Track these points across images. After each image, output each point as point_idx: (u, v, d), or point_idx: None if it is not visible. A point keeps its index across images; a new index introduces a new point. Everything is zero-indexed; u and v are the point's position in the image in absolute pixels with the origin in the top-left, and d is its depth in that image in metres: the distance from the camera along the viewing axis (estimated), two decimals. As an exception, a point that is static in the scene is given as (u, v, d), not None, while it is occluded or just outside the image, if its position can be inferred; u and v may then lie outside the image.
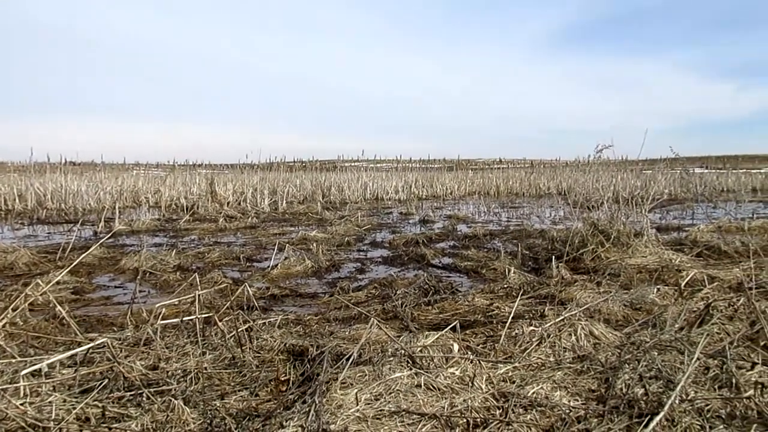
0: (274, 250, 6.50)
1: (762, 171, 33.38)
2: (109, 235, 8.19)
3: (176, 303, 3.70)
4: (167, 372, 2.62)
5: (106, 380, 2.43)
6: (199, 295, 3.12)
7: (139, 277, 4.73)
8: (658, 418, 2.00)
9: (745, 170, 34.22)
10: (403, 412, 2.18)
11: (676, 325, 3.30)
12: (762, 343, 2.60)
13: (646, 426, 2.00)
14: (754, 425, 1.99)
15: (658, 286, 4.42)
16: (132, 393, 2.34)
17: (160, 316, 3.17)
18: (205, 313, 3.24)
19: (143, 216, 11.40)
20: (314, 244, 6.85)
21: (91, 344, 2.56)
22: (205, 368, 2.69)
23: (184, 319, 3.15)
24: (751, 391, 2.20)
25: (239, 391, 2.53)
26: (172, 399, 2.24)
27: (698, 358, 2.52)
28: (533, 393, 2.35)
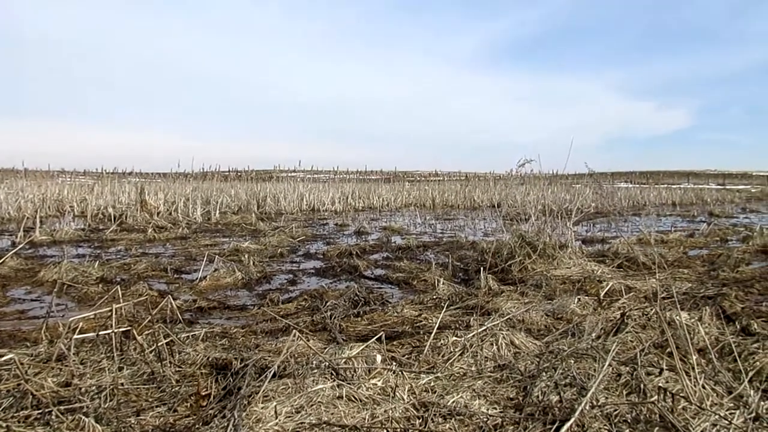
0: (203, 261, 6.35)
1: (681, 186, 35.31)
2: (26, 243, 7.80)
3: (92, 316, 3.56)
4: (80, 389, 2.52)
5: (13, 398, 2.31)
6: (116, 308, 3.01)
7: (56, 289, 4.52)
8: (568, 424, 2.07)
9: (666, 185, 36.13)
10: (324, 425, 2.17)
11: (593, 334, 3.44)
12: (668, 351, 2.74)
13: (556, 431, 2.07)
14: (656, 428, 2.09)
15: (579, 297, 4.59)
16: (40, 411, 2.24)
17: (76, 331, 3.05)
18: (124, 327, 3.13)
19: (67, 226, 10.91)
20: (246, 256, 6.75)
21: (-3, 361, 2.44)
22: (122, 384, 2.60)
23: (100, 333, 3.04)
24: (656, 396, 2.31)
25: (157, 407, 2.46)
26: (83, 417, 2.15)
27: (610, 365, 2.63)
28: (453, 402, 2.39)
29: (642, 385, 2.49)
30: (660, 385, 2.45)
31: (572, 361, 2.83)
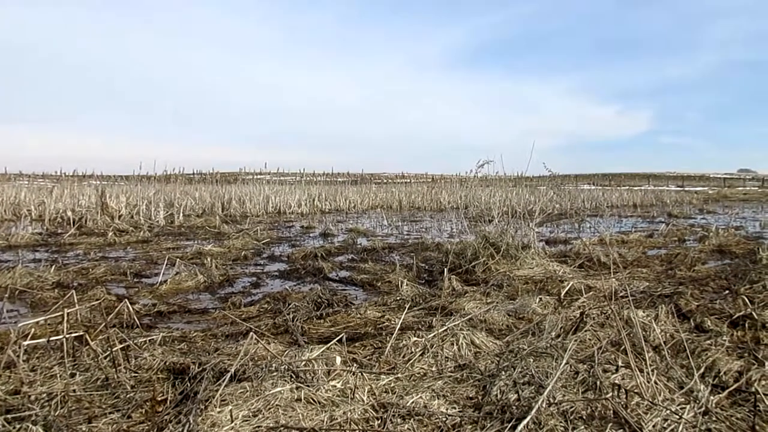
0: (165, 264, 6.23)
1: (642, 188, 36.13)
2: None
3: (43, 322, 3.46)
4: (30, 397, 2.44)
5: (-43, 408, 2.23)
6: (69, 313, 2.93)
7: (7, 294, 4.38)
8: (525, 422, 2.09)
9: (627, 187, 36.92)
10: (282, 427, 2.15)
11: (553, 333, 3.48)
12: (624, 348, 2.79)
13: (513, 429, 2.09)
14: (610, 424, 2.13)
15: (541, 296, 4.64)
16: (-14, 421, 2.16)
17: (27, 336, 2.96)
18: (78, 332, 3.05)
19: (23, 230, 10.60)
20: (209, 259, 6.65)
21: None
22: (74, 391, 2.53)
23: (51, 339, 2.95)
24: (611, 393, 2.35)
25: (110, 413, 2.40)
26: (31, 425, 2.09)
27: (568, 363, 2.67)
28: (412, 403, 2.39)
29: (598, 383, 2.52)
30: (615, 381, 2.50)
31: (531, 360, 2.86)
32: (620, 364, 2.74)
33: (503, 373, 2.70)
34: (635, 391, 2.34)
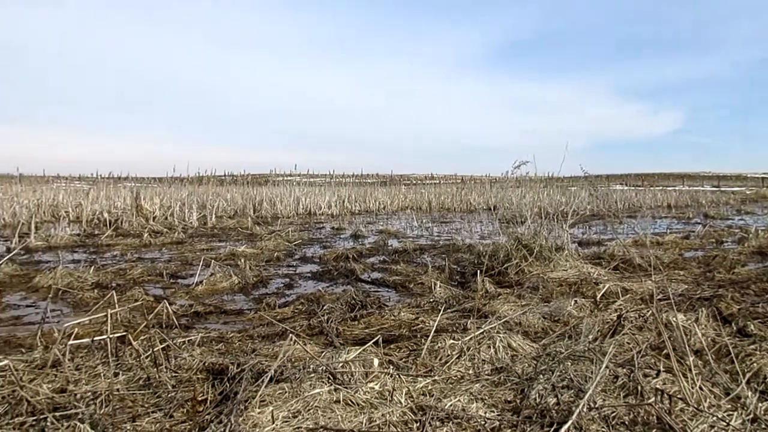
0: (200, 266, 6.33)
1: (676, 188, 35.42)
2: (20, 248, 7.77)
3: (87, 322, 3.54)
4: (75, 395, 2.50)
5: (8, 405, 2.29)
6: (112, 314, 3.00)
7: (51, 295, 4.50)
8: (566, 427, 2.07)
9: (661, 187, 36.24)
10: (321, 429, 2.17)
11: (590, 336, 3.43)
12: (665, 352, 2.74)
13: (554, 434, 2.07)
14: (654, 430, 2.09)
15: (576, 299, 4.59)
16: (35, 418, 2.22)
17: (71, 336, 3.03)
18: (120, 332, 3.12)
19: (62, 231, 10.87)
20: (242, 260, 6.73)
21: (-9, 367, 2.42)
22: (117, 390, 2.59)
23: (95, 339, 3.02)
24: (653, 398, 2.31)
25: (153, 412, 2.44)
26: (78, 423, 2.14)
27: (607, 367, 2.63)
28: (450, 406, 2.39)
29: (639, 387, 2.48)
30: (657, 386, 2.45)
31: (569, 364, 2.83)
32: (661, 368, 2.69)
33: (541, 376, 2.68)
34: (679, 396, 2.30)
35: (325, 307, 4.48)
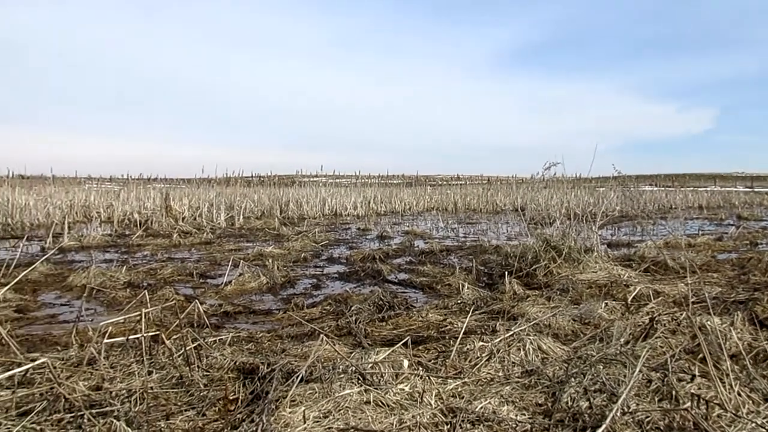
0: (228, 266, 6.41)
1: (708, 189, 34.72)
2: (56, 249, 7.94)
3: (122, 321, 3.61)
4: (111, 392, 2.55)
5: (46, 402, 2.35)
6: (145, 313, 3.05)
7: (85, 294, 4.60)
8: (599, 431, 2.04)
9: (692, 188, 35.57)
10: (352, 429, 2.17)
11: (622, 339, 3.39)
12: (700, 356, 2.70)
13: (588, 439, 2.04)
14: (691, 436, 2.06)
15: (606, 301, 4.53)
16: (73, 415, 2.27)
17: (106, 335, 3.09)
18: (153, 331, 3.17)
19: (94, 231, 11.09)
20: (270, 260, 6.79)
21: (31, 365, 2.48)
22: (151, 388, 2.63)
23: (129, 337, 3.08)
24: (689, 403, 2.27)
25: (186, 411, 2.48)
26: (114, 420, 2.18)
27: (640, 371, 2.59)
28: (481, 408, 2.38)
29: (674, 392, 2.44)
30: (693, 391, 2.41)
31: (601, 367, 2.79)
32: (696, 373, 2.64)
33: (573, 379, 2.65)
34: (716, 401, 2.25)
35: (352, 308, 4.49)
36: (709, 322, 3.16)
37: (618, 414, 2.19)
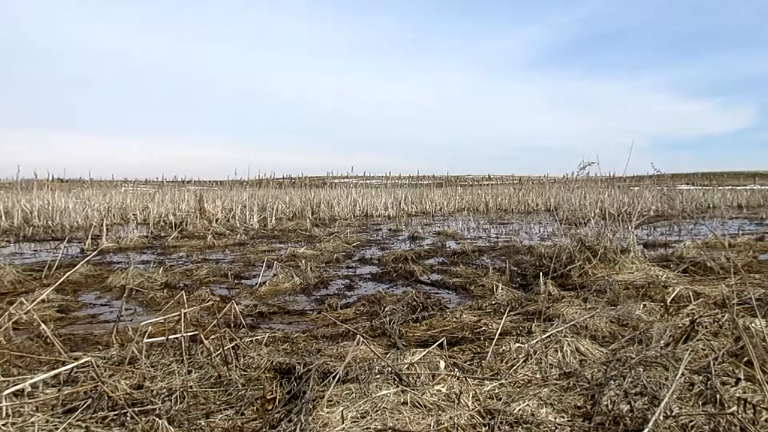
0: (262, 267, 6.47)
1: (747, 187, 33.80)
2: (96, 252, 8.13)
3: (162, 321, 3.67)
4: (152, 391, 2.60)
5: (90, 400, 2.40)
6: (184, 313, 3.10)
7: (125, 295, 4.70)
8: (642, 435, 2.01)
9: (730, 187, 34.68)
10: (390, 430, 2.17)
11: (662, 341, 3.32)
12: (745, 359, 2.63)
13: (630, 442, 2.00)
14: (737, 441, 2.00)
15: (644, 302, 4.44)
16: (116, 413, 2.32)
17: (146, 335, 3.15)
18: (191, 331, 3.22)
19: (131, 233, 11.33)
20: (303, 261, 6.84)
21: (75, 363, 2.54)
22: (191, 387, 2.67)
23: (169, 337, 3.13)
24: (735, 407, 2.21)
25: (225, 409, 2.51)
26: (157, 419, 2.22)
27: (683, 374, 2.54)
28: (519, 410, 2.35)
29: (718, 396, 2.38)
30: (738, 395, 2.34)
31: (641, 369, 2.74)
32: (741, 376, 2.57)
33: (612, 382, 2.60)
34: (763, 405, 2.19)
35: (386, 309, 4.50)
36: (753, 324, 3.08)
37: (661, 418, 2.14)
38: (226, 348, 3.00)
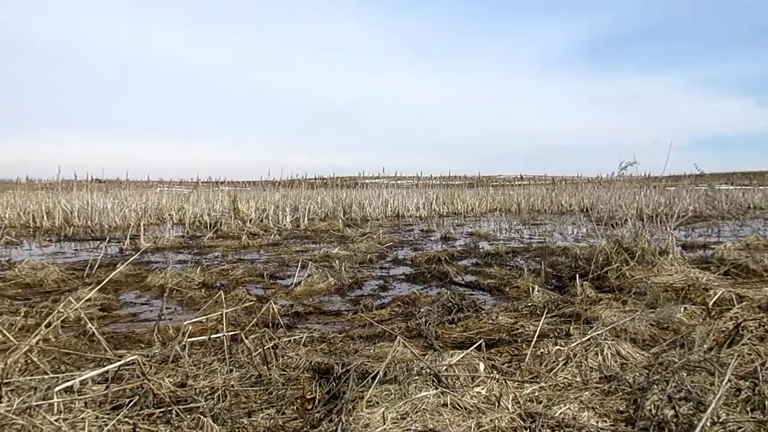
0: (296, 267, 6.54)
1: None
2: (139, 253, 8.32)
3: (203, 320, 3.74)
4: (195, 389, 2.65)
5: (137, 397, 2.46)
6: (225, 313, 3.15)
7: (165, 294, 4.79)
8: (689, 441, 1.97)
9: (772, 186, 33.69)
10: (430, 432, 2.18)
11: (705, 346, 3.25)
12: (795, 365, 2.56)
13: (677, 448, 1.97)
14: (789, 449, 1.95)
15: (685, 305, 4.36)
16: (161, 410, 2.37)
17: (188, 334, 3.21)
18: (231, 331, 3.27)
19: (167, 233, 11.54)
20: (337, 262, 6.88)
21: (123, 361, 2.61)
22: (232, 386, 2.72)
23: (211, 336, 3.19)
24: (785, 414, 2.16)
25: (266, 408, 2.55)
26: (201, 416, 2.27)
27: (729, 380, 2.48)
28: (560, 413, 2.33)
29: (766, 402, 2.33)
30: (788, 402, 2.29)
31: (685, 374, 2.69)
32: (790, 382, 2.51)
33: (655, 386, 2.56)
34: (815, 413, 2.13)
35: (421, 310, 4.50)
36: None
37: (708, 424, 2.10)
38: (265, 347, 3.05)
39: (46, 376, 2.58)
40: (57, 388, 2.31)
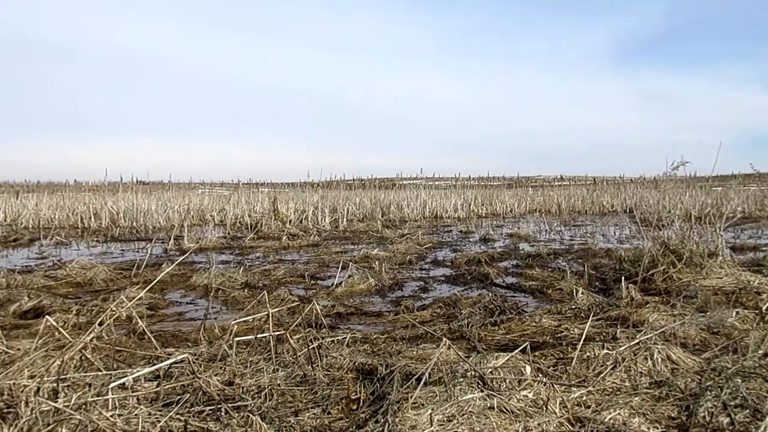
0: (336, 267, 6.58)
1: None
2: (187, 254, 8.50)
3: (248, 320, 3.80)
4: (242, 388, 2.69)
5: (187, 394, 2.51)
6: (271, 313, 3.20)
7: (211, 294, 4.88)
8: (747, 450, 1.91)
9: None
10: (477, 435, 2.17)
11: (760, 351, 3.15)
12: None
13: (734, 457, 1.92)
14: None
15: (736, 310, 4.23)
16: (211, 408, 2.42)
17: (234, 333, 3.27)
18: (276, 331, 3.31)
19: (210, 234, 11.76)
20: (376, 263, 6.90)
21: (173, 359, 2.67)
22: (278, 385, 2.76)
23: (258, 336, 3.24)
24: None
25: (312, 408, 2.57)
26: (250, 415, 2.30)
27: (787, 387, 2.40)
28: (610, 419, 2.29)
29: (828, 411, 2.24)
30: None
31: (739, 380, 2.61)
32: None
33: (708, 393, 2.50)
34: None
35: (464, 312, 4.48)
36: None
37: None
38: (310, 347, 3.08)
39: (100, 373, 2.66)
40: (111, 385, 2.38)
